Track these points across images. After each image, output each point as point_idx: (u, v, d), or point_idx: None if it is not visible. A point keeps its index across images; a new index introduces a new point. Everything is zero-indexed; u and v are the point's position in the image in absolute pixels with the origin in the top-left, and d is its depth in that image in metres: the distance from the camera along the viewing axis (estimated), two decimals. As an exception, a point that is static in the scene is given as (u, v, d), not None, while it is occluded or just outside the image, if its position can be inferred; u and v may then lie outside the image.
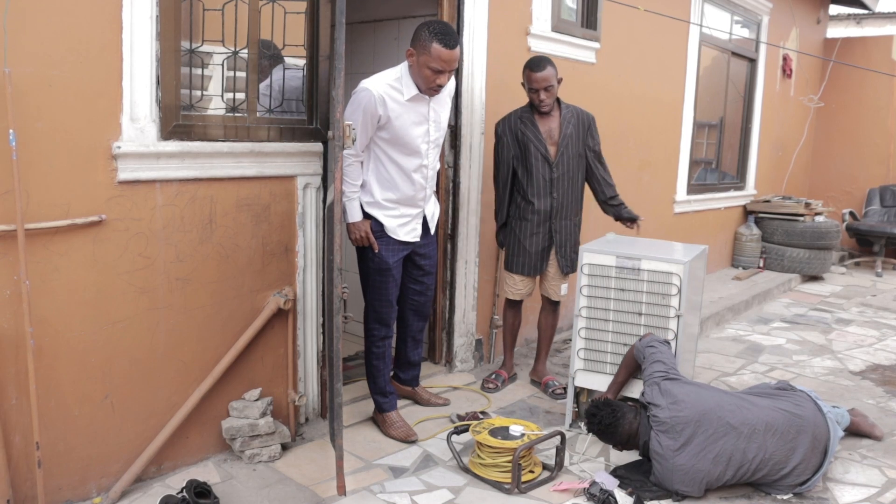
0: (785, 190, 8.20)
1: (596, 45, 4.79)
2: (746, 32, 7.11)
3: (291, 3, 2.99)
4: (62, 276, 2.46)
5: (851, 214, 8.17)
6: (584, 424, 3.18)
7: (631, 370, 3.19)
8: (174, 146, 2.67)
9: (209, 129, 2.79)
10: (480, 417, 3.43)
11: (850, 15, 9.99)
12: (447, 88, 3.21)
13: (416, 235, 3.26)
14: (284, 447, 3.08)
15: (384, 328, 3.30)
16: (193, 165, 2.75)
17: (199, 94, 2.80)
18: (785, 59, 7.65)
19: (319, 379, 3.35)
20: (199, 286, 2.83)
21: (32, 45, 2.30)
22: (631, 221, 3.79)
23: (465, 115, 3.90)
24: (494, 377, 3.93)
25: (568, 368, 3.53)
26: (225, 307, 2.92)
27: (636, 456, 3.07)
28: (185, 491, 2.57)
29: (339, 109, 2.54)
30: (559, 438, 3.03)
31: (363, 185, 3.14)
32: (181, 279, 2.77)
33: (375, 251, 3.16)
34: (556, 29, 4.44)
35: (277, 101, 3.05)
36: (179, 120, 2.69)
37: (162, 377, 2.78)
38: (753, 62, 7.22)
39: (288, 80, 3.09)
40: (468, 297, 4.08)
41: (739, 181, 7.42)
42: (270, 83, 3.05)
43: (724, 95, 6.89)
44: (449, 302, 4.04)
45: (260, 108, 2.98)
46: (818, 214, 7.16)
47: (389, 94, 2.99)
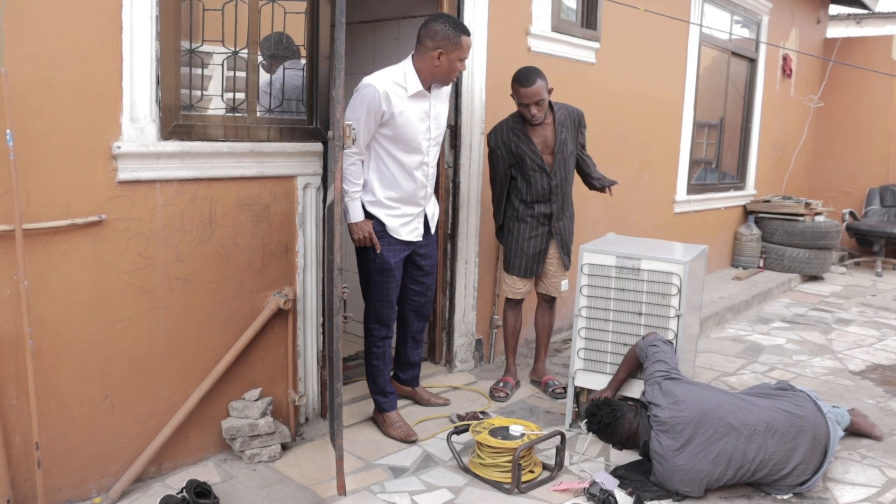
0: (785, 190, 8.20)
1: (596, 45, 4.79)
2: (746, 32, 7.10)
3: (291, 3, 2.99)
4: (62, 275, 2.46)
5: (851, 214, 8.17)
6: (583, 424, 3.18)
7: (632, 368, 3.19)
8: (174, 146, 2.67)
9: (209, 128, 2.79)
10: (480, 417, 3.43)
11: (849, 15, 9.99)
12: (447, 88, 3.23)
13: (418, 235, 3.26)
14: (284, 447, 3.08)
15: (384, 328, 3.30)
16: (193, 165, 2.75)
17: (199, 93, 2.80)
18: (785, 59, 7.65)
19: (319, 379, 3.35)
20: (199, 286, 2.83)
21: (32, 44, 2.30)
22: (607, 187, 3.84)
23: (465, 115, 3.90)
24: (503, 385, 3.84)
25: (568, 368, 3.53)
26: (225, 307, 2.92)
27: (636, 456, 3.07)
28: (185, 491, 2.57)
29: (339, 109, 2.54)
30: (559, 438, 3.03)
31: (364, 184, 3.13)
32: (181, 279, 2.77)
33: (378, 252, 3.15)
34: (556, 29, 4.44)
35: (279, 99, 3.05)
36: (179, 120, 2.69)
37: (162, 377, 2.78)
38: (753, 62, 7.22)
39: (289, 78, 3.09)
40: (468, 297, 4.08)
41: (739, 181, 7.42)
42: (271, 81, 3.05)
43: (724, 95, 6.89)
44: (449, 302, 4.04)
45: (260, 107, 2.98)
46: (818, 214, 7.16)
47: (393, 90, 3.00)
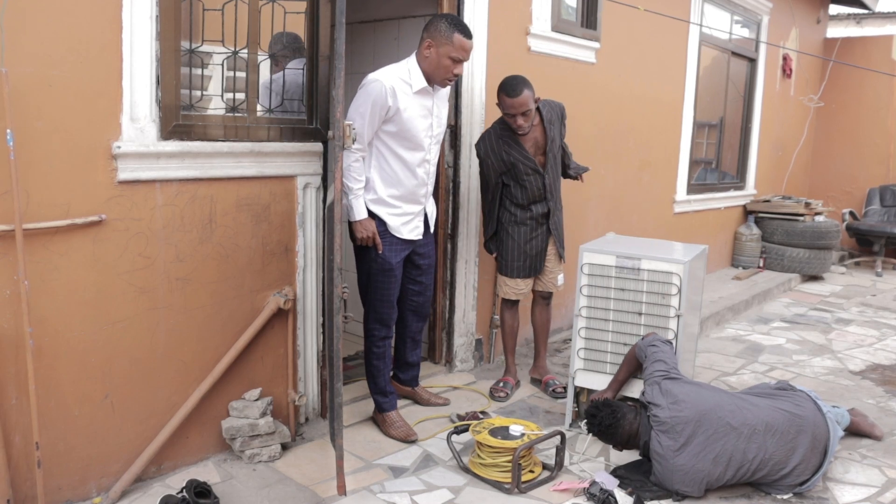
0: (785, 190, 8.20)
1: (596, 44, 4.78)
2: (746, 32, 7.10)
3: (291, 3, 2.99)
4: (62, 275, 2.46)
5: (851, 214, 8.17)
6: (584, 425, 3.18)
7: (632, 369, 3.19)
8: (174, 146, 2.67)
9: (209, 128, 2.79)
10: (480, 417, 3.43)
11: (850, 15, 10.00)
12: (447, 89, 3.25)
13: (418, 234, 3.27)
14: (284, 447, 3.08)
15: (385, 328, 3.30)
16: (193, 165, 2.75)
17: (198, 93, 2.80)
18: (785, 58, 7.65)
19: (319, 379, 3.35)
20: (199, 286, 2.83)
21: (32, 45, 2.30)
22: (579, 175, 3.82)
23: (465, 115, 3.90)
24: (503, 385, 3.85)
25: (568, 368, 3.53)
26: (225, 307, 2.92)
27: (636, 456, 3.07)
28: (185, 491, 2.57)
29: (339, 109, 2.54)
30: (559, 438, 3.03)
31: (366, 182, 3.13)
32: (181, 279, 2.77)
33: (380, 252, 3.15)
34: (556, 29, 4.44)
35: (284, 97, 3.06)
36: (179, 120, 2.69)
37: (162, 377, 2.78)
38: (753, 62, 7.22)
39: (291, 77, 3.10)
40: (468, 296, 4.08)
41: (739, 181, 7.42)
42: (273, 80, 3.05)
43: (724, 95, 6.88)
44: (449, 302, 4.04)
45: (260, 107, 2.98)
46: (818, 214, 7.16)
47: (399, 86, 3.02)
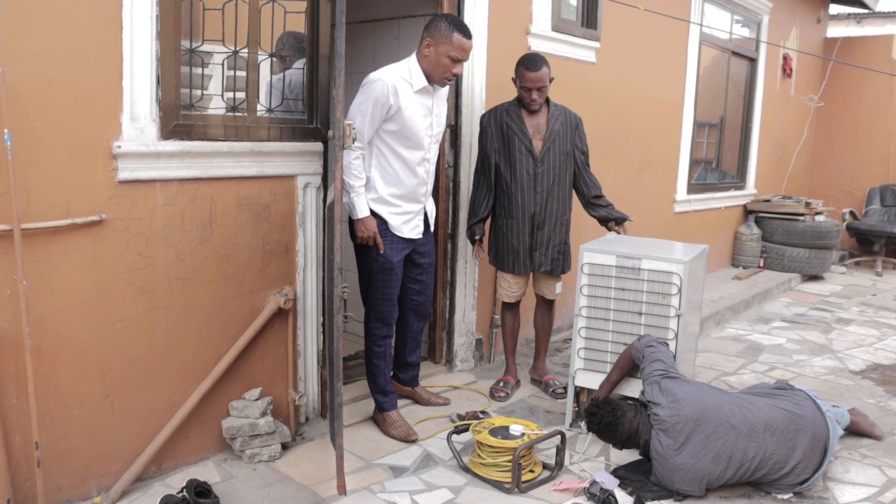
0: (785, 189, 8.20)
1: (596, 44, 4.78)
2: (746, 32, 7.10)
3: (291, 2, 2.99)
4: (62, 275, 2.46)
5: (852, 214, 8.17)
6: (584, 424, 3.17)
7: (625, 371, 3.19)
8: (174, 146, 2.67)
9: (209, 128, 2.79)
10: (481, 417, 3.43)
11: (850, 14, 10.00)
12: (445, 88, 3.25)
13: (418, 232, 3.28)
14: (285, 447, 3.08)
15: (386, 327, 3.30)
16: (193, 165, 2.75)
17: (199, 93, 2.80)
18: (785, 58, 7.65)
19: (320, 378, 3.35)
20: (199, 286, 2.83)
21: (32, 44, 2.30)
22: (619, 222, 3.75)
23: (465, 114, 3.90)
24: (503, 385, 3.85)
25: (568, 368, 3.53)
26: (225, 307, 2.92)
27: (636, 455, 3.07)
28: (185, 490, 2.57)
29: (339, 109, 2.54)
30: (559, 438, 3.03)
31: (367, 181, 3.13)
32: (181, 279, 2.77)
33: (381, 251, 3.15)
34: (556, 28, 4.44)
35: (291, 96, 3.08)
36: (179, 119, 2.69)
37: (162, 377, 2.78)
38: (753, 62, 7.22)
39: (297, 77, 3.11)
40: (468, 296, 4.08)
41: (739, 181, 7.42)
42: (284, 78, 3.07)
43: (724, 95, 6.88)
44: (449, 301, 4.04)
45: (261, 107, 2.98)
46: (818, 214, 7.16)
47: (401, 84, 3.03)
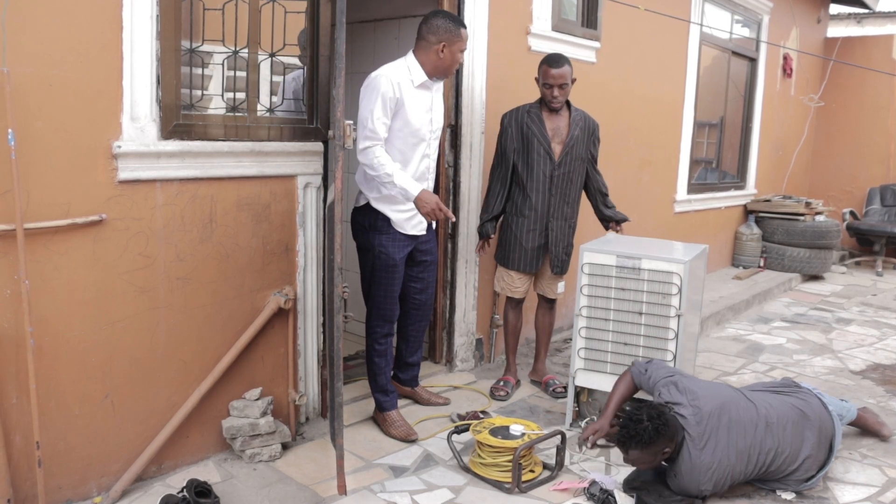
0: (785, 189, 8.19)
1: (596, 44, 4.78)
2: (747, 32, 7.10)
3: (292, 2, 2.99)
4: (62, 275, 2.46)
5: (852, 214, 8.17)
6: (618, 439, 2.78)
7: (625, 397, 3.05)
8: (174, 146, 2.67)
9: (209, 128, 2.79)
10: (481, 417, 3.43)
11: (850, 14, 10.00)
12: (440, 85, 3.29)
13: (421, 229, 3.29)
14: (285, 446, 3.08)
15: (387, 325, 3.31)
16: (194, 165, 2.75)
17: (199, 93, 2.80)
18: (785, 58, 7.65)
19: (320, 378, 3.35)
20: (199, 286, 2.83)
21: (32, 44, 2.30)
22: (619, 222, 3.89)
23: (465, 114, 3.90)
24: (503, 384, 3.85)
25: (568, 368, 3.53)
26: (225, 307, 2.92)
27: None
28: (185, 490, 2.57)
29: (339, 109, 2.54)
30: (559, 438, 3.03)
31: (368, 180, 3.14)
32: (181, 279, 2.77)
33: (453, 220, 3.41)
34: (556, 28, 4.44)
35: (296, 95, 3.11)
36: (180, 119, 2.69)
37: (162, 377, 2.78)
38: (754, 61, 7.22)
39: (297, 77, 3.13)
40: (468, 296, 4.08)
41: (740, 181, 7.42)
42: (302, 76, 3.11)
43: (724, 95, 6.88)
44: (449, 301, 4.04)
45: (260, 107, 2.98)
46: (818, 214, 7.16)
47: (403, 80, 3.07)
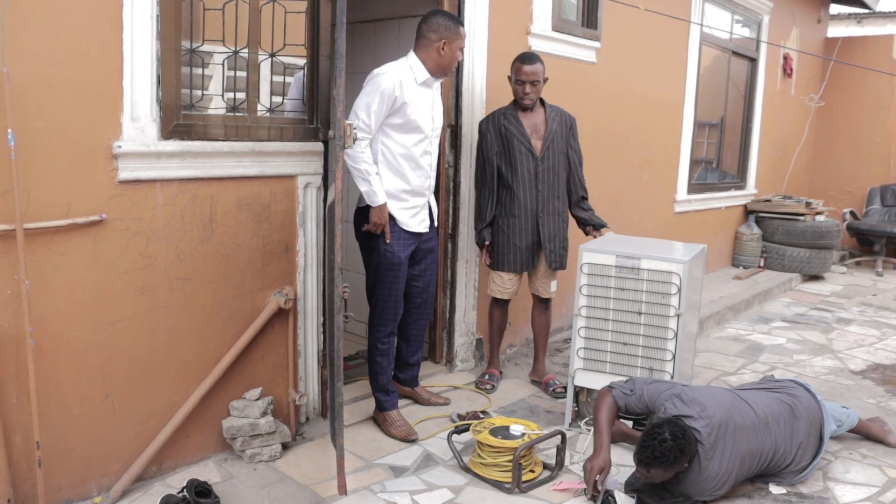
0: (785, 189, 8.19)
1: (596, 44, 4.78)
2: (747, 32, 7.10)
3: (292, 2, 2.99)
4: (62, 275, 2.46)
5: (852, 214, 8.17)
6: (638, 458, 2.68)
7: (612, 426, 2.88)
8: (175, 146, 2.67)
9: (210, 128, 2.79)
10: (481, 417, 3.43)
11: (850, 14, 10.00)
12: (438, 84, 3.31)
13: (425, 226, 3.30)
14: (285, 446, 3.08)
15: (391, 324, 3.31)
16: (194, 165, 2.75)
17: (199, 93, 2.80)
18: (785, 58, 7.65)
19: (320, 378, 3.35)
20: (199, 286, 2.83)
21: (32, 44, 2.30)
22: (597, 228, 3.86)
23: (465, 114, 3.90)
24: (488, 377, 3.93)
25: (568, 368, 3.53)
26: (225, 307, 2.92)
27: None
28: (185, 490, 2.57)
29: (339, 109, 2.54)
30: (560, 438, 3.03)
31: None
32: (181, 279, 2.77)
33: (387, 241, 3.16)
34: (556, 28, 4.44)
35: (297, 95, 3.11)
36: (180, 119, 2.69)
37: (162, 377, 2.78)
38: (754, 61, 7.22)
39: (300, 78, 3.14)
40: (468, 296, 4.08)
41: (740, 181, 7.41)
42: (297, 78, 3.12)
43: (724, 95, 6.88)
44: (449, 301, 4.04)
45: (260, 106, 2.98)
46: (819, 214, 7.15)
47: (406, 78, 3.10)
